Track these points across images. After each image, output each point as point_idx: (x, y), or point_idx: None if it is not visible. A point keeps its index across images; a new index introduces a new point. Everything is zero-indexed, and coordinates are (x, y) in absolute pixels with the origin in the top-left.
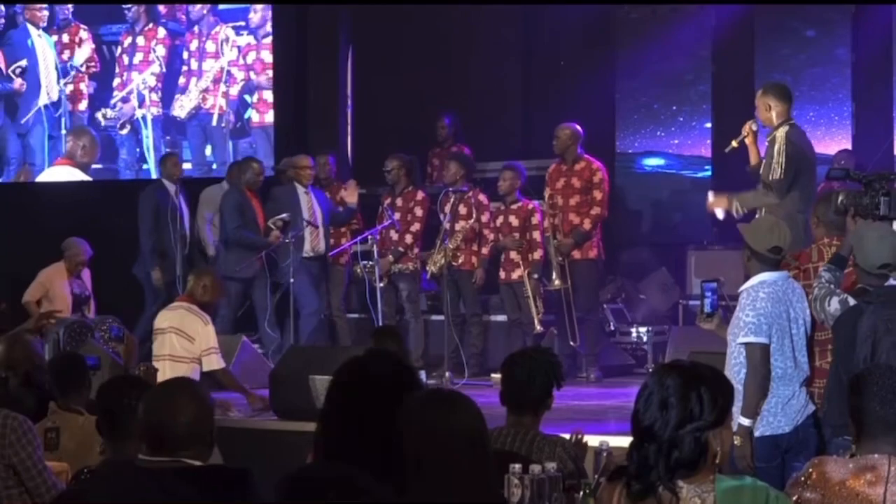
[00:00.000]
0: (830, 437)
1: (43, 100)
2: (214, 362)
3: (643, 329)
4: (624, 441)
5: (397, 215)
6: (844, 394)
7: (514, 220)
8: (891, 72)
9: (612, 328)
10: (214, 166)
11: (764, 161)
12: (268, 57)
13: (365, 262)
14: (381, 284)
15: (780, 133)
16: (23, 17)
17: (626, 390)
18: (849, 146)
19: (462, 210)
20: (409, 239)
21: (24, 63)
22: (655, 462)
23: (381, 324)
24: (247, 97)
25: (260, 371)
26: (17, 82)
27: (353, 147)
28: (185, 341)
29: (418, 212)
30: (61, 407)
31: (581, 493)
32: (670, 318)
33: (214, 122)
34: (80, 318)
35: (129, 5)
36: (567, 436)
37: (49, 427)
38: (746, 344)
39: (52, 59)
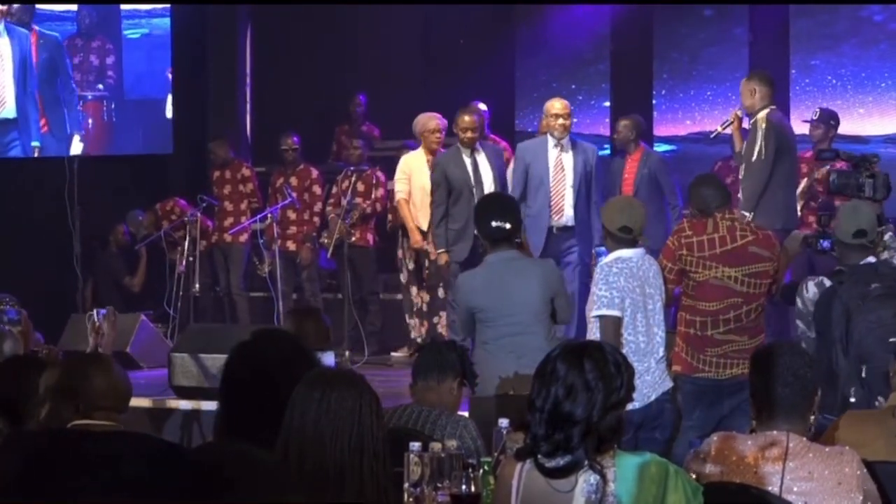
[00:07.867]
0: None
1: None
2: None
3: None
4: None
5: (294, 194)
6: (830, 379)
7: None
8: (787, 51)
9: None
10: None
11: (746, 144)
12: None
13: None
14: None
15: (762, 115)
16: None
17: None
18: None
19: (360, 188)
20: (310, 217)
21: None
22: (579, 443)
23: (280, 303)
24: None
25: (159, 350)
26: None
27: (252, 126)
28: None
29: (316, 190)
30: None
31: (481, 470)
32: None
33: None
34: None
35: None
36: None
37: None
38: (599, 317)
39: None
